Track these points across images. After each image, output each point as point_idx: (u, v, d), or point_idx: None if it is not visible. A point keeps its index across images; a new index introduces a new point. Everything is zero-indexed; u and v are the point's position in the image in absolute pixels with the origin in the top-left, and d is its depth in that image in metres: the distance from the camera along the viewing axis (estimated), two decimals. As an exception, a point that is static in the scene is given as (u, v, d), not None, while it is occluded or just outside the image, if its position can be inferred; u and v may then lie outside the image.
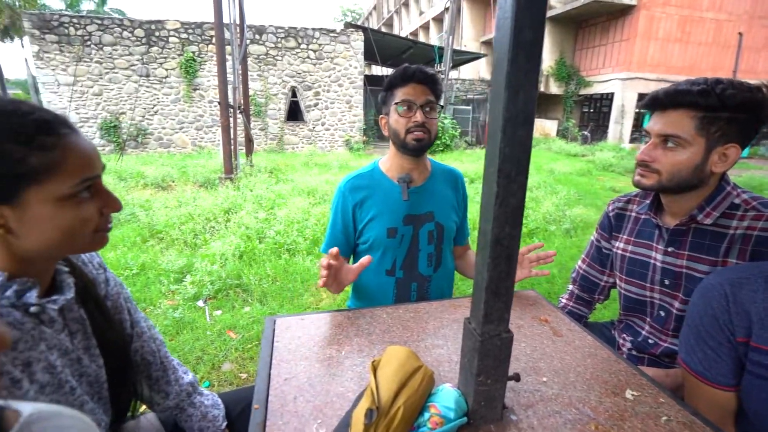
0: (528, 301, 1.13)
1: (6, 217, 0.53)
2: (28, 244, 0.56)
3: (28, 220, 0.54)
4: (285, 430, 0.66)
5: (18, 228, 0.54)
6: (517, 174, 0.55)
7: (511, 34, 0.49)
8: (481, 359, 0.63)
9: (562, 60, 16.02)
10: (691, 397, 0.80)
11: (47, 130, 0.54)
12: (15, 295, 0.55)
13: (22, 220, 0.54)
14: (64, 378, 0.60)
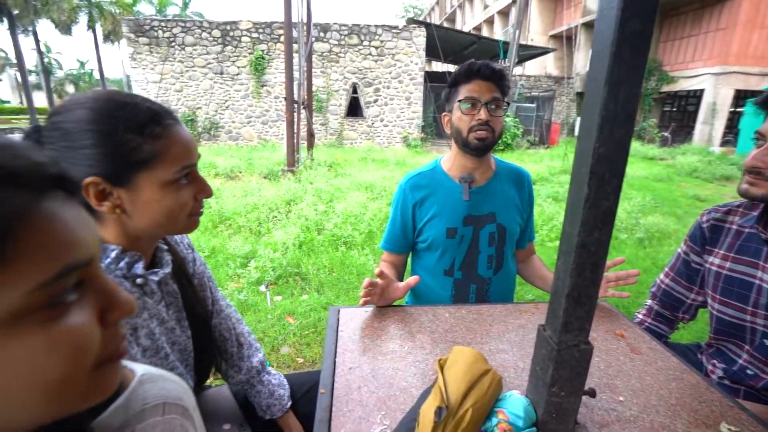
0: (601, 313, 1.05)
1: (122, 198, 0.60)
2: (137, 224, 0.62)
3: (138, 202, 0.61)
4: (350, 417, 0.68)
5: (130, 209, 0.61)
6: (612, 176, 0.51)
7: (617, 24, 0.46)
8: (556, 369, 0.60)
9: (641, 54, 14.69)
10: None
11: (157, 120, 0.60)
12: (126, 267, 0.62)
13: (133, 202, 0.61)
14: (160, 344, 0.67)
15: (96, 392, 0.30)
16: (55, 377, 0.26)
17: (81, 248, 0.28)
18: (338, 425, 0.66)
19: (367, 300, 1.01)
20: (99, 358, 0.30)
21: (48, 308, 0.26)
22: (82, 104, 0.57)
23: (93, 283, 0.30)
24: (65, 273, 0.26)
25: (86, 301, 0.29)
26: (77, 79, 40.08)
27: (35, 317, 0.25)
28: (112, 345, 0.31)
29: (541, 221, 4.17)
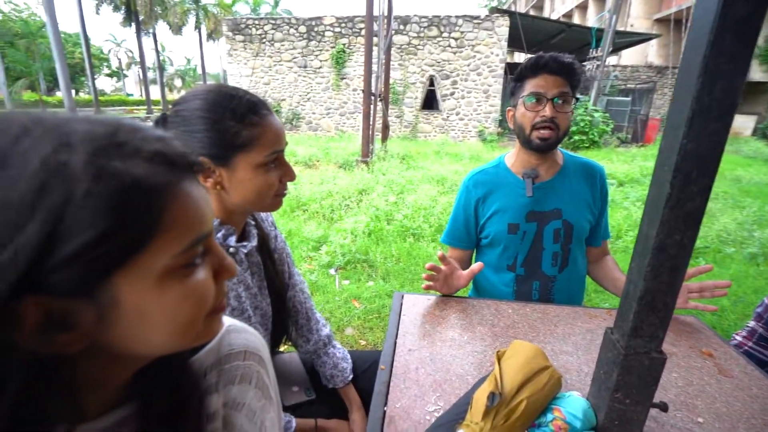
0: (685, 327, 0.96)
1: (222, 176, 0.70)
2: (232, 199, 0.72)
3: (234, 180, 0.70)
4: (406, 394, 0.72)
5: (228, 186, 0.71)
6: (700, 175, 0.47)
7: (718, 8, 0.42)
8: (621, 375, 0.57)
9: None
10: None
11: (255, 110, 0.69)
12: (222, 238, 0.73)
13: (230, 180, 0.70)
14: (245, 307, 0.77)
15: (206, 334, 0.38)
16: (185, 319, 0.34)
17: (208, 222, 0.35)
18: (394, 399, 0.70)
19: (430, 286, 1.03)
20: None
21: (184, 268, 0.33)
22: (197, 96, 0.67)
23: (210, 250, 0.37)
24: (197, 242, 0.33)
25: (206, 264, 0.36)
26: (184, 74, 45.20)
27: (176, 274, 0.32)
28: (219, 299, 0.37)
29: (627, 226, 3.80)
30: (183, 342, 0.36)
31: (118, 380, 0.37)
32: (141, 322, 0.32)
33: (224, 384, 0.47)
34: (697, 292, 0.96)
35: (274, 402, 0.54)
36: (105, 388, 0.37)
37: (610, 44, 9.97)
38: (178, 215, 0.31)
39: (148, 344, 0.34)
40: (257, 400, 0.50)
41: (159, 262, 0.31)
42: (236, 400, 0.48)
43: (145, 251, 0.30)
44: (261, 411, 0.51)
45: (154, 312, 0.32)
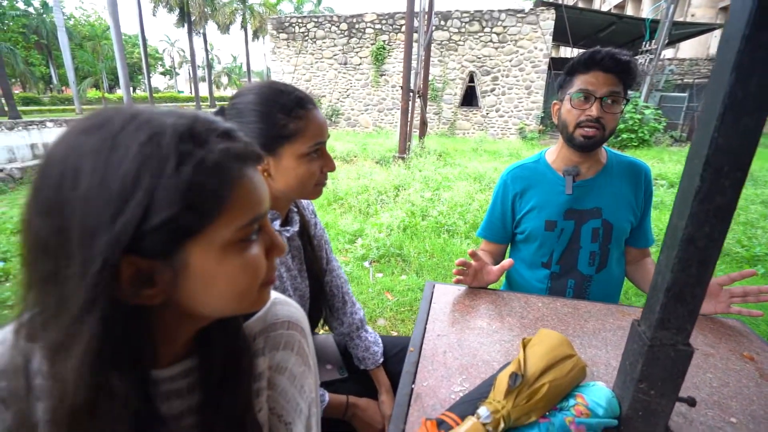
0: (727, 330, 0.93)
1: (269, 164, 0.77)
2: (277, 186, 0.79)
3: (279, 168, 0.77)
4: (433, 375, 0.76)
5: (274, 173, 0.77)
6: (732, 169, 0.48)
7: (755, 2, 0.43)
8: (646, 366, 0.58)
9: None
10: None
11: (301, 105, 0.75)
12: (269, 222, 0.80)
13: (276, 168, 0.77)
14: (286, 287, 0.84)
15: (258, 302, 0.43)
16: (242, 288, 0.40)
17: (264, 203, 0.40)
18: (422, 379, 0.75)
19: (459, 280, 1.06)
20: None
21: (243, 242, 0.39)
22: (251, 90, 0.74)
23: (264, 229, 0.42)
24: (255, 220, 0.39)
25: (260, 241, 0.42)
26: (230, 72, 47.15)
27: (236, 247, 0.38)
28: (270, 273, 0.43)
29: (677, 230, 3.59)
30: (239, 306, 0.42)
31: (185, 336, 0.44)
32: (205, 285, 0.38)
33: (270, 349, 0.53)
34: (741, 297, 0.92)
35: (312, 371, 0.60)
36: (174, 342, 0.44)
37: (666, 36, 9.34)
38: (241, 196, 0.37)
39: (210, 305, 0.40)
40: (298, 366, 0.57)
41: (223, 235, 0.37)
42: (280, 364, 0.54)
43: (213, 225, 0.36)
44: (301, 376, 0.57)
45: (216, 277, 0.38)
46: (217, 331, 0.46)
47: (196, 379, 0.45)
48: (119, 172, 0.32)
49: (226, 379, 0.45)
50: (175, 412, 0.45)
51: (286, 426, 0.55)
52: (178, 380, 0.45)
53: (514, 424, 0.58)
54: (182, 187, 0.33)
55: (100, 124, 0.34)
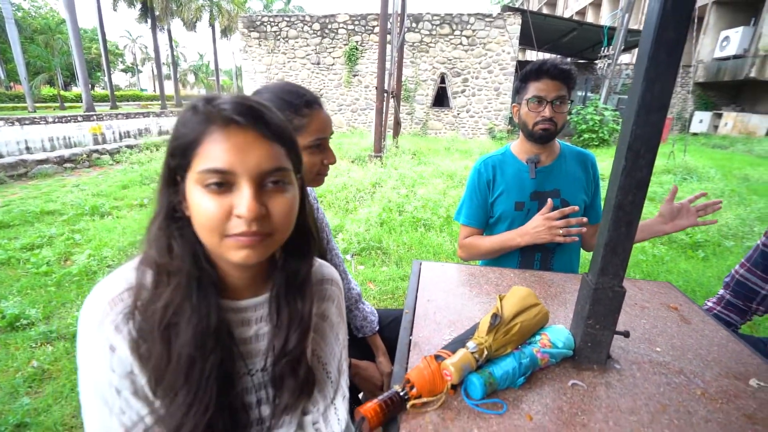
0: (659, 289, 1.14)
1: None
2: None
3: None
4: (426, 329, 0.91)
5: None
6: (646, 152, 0.66)
7: (655, 32, 0.61)
8: (592, 306, 0.76)
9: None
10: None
11: (308, 104, 0.88)
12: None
13: None
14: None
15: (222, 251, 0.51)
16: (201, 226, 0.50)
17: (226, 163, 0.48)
18: (417, 331, 0.90)
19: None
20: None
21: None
22: (267, 89, 0.87)
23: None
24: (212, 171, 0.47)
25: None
26: (197, 70, 45.70)
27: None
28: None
29: (632, 220, 3.94)
30: (211, 245, 0.51)
31: (243, 275, 0.57)
32: (191, 211, 0.50)
33: (317, 299, 0.67)
34: (703, 211, 1.18)
35: (345, 323, 0.74)
36: (234, 277, 0.57)
37: (623, 42, 9.98)
38: (205, 148, 0.48)
39: (199, 234, 0.50)
40: (336, 316, 0.71)
41: (193, 174, 0.48)
42: (324, 312, 0.68)
43: (191, 165, 0.48)
44: (337, 326, 0.71)
45: (191, 206, 0.49)
46: (286, 285, 0.59)
47: (266, 312, 0.59)
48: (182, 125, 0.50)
49: (292, 330, 0.58)
50: (246, 335, 0.58)
51: (324, 367, 0.69)
52: (250, 311, 0.58)
53: (495, 354, 0.74)
54: (182, 128, 0.49)
55: None
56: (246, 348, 0.59)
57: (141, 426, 0.50)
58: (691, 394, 0.74)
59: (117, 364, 0.49)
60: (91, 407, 0.50)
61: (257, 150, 0.49)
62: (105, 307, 0.49)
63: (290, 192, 0.53)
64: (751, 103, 13.96)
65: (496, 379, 0.70)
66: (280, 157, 0.52)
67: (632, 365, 0.81)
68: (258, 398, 0.61)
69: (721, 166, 7.41)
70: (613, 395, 0.72)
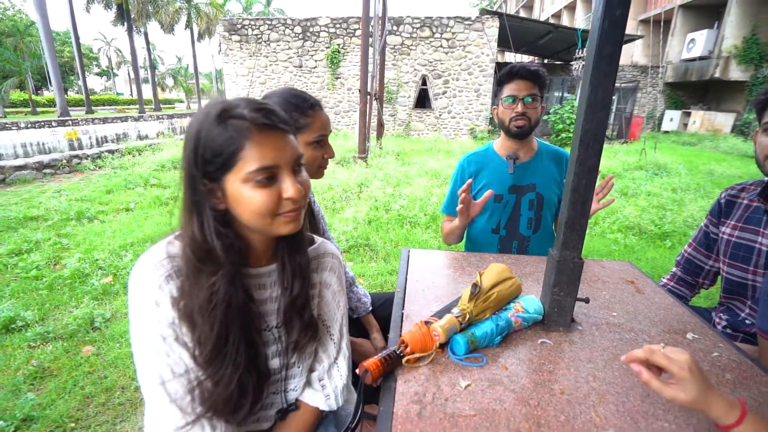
0: (619, 268, 1.29)
1: None
2: None
3: None
4: (416, 303, 1.03)
5: None
6: (594, 143, 0.80)
7: (596, 47, 0.75)
8: (557, 276, 0.90)
9: (753, 37, 12.89)
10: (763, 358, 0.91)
11: (311, 107, 1.00)
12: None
13: None
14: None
15: (274, 227, 0.63)
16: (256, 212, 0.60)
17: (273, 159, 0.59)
18: (408, 306, 1.02)
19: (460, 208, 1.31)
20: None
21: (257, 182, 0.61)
22: (276, 93, 0.99)
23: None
24: (263, 169, 0.58)
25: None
26: (175, 73, 44.87)
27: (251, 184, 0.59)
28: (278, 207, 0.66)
29: (605, 213, 4.17)
30: (261, 226, 0.61)
31: (264, 246, 0.68)
32: (237, 204, 0.60)
33: (320, 269, 0.79)
34: (600, 194, 1.34)
35: (345, 292, 0.85)
36: (260, 249, 0.68)
37: (595, 45, 10.37)
38: (251, 150, 0.57)
39: (245, 219, 0.61)
40: (337, 286, 0.82)
41: (240, 174, 0.58)
42: (326, 281, 0.80)
43: (235, 166, 0.58)
44: (338, 293, 0.83)
45: (240, 200, 0.59)
46: (288, 249, 0.70)
47: (277, 277, 0.70)
48: (190, 131, 0.59)
49: (295, 280, 0.70)
50: (263, 297, 0.70)
51: (327, 328, 0.81)
52: (265, 277, 0.70)
53: (475, 318, 0.87)
54: (217, 140, 0.58)
55: None
56: (264, 308, 0.70)
57: (185, 373, 0.61)
58: (638, 345, 0.88)
59: (161, 316, 0.60)
60: (143, 353, 0.61)
61: (287, 144, 0.62)
62: (150, 271, 0.60)
63: (305, 171, 0.67)
64: (717, 102, 14.66)
65: (477, 338, 0.83)
66: (297, 145, 0.65)
67: (592, 327, 0.95)
68: (276, 350, 0.73)
69: (689, 161, 7.82)
70: (574, 349, 0.86)
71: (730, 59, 13.24)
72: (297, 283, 0.70)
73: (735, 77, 13.35)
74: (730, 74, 13.35)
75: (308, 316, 0.73)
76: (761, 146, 1.03)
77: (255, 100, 0.62)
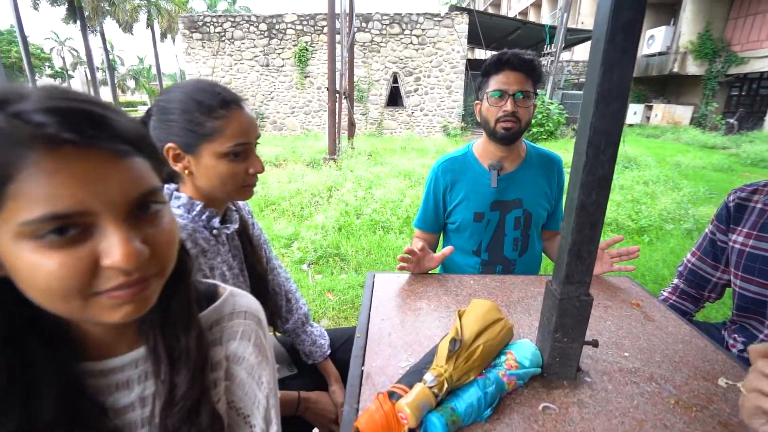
0: (621, 286, 1.11)
1: (190, 162, 0.76)
2: (200, 184, 0.77)
3: (200, 167, 0.76)
4: (380, 354, 0.80)
5: (195, 172, 0.76)
6: (607, 146, 0.59)
7: (611, 13, 0.54)
8: (559, 317, 0.69)
9: (707, 33, 13.44)
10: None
11: (224, 105, 0.74)
12: (207, 219, 0.78)
13: (197, 166, 0.76)
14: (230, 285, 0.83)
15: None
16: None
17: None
18: (370, 360, 0.79)
19: (404, 267, 1.12)
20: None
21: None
22: (177, 88, 0.73)
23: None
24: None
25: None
26: (137, 74, 42.92)
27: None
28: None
29: (582, 210, 4.08)
30: (59, 307, 0.36)
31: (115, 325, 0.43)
32: (16, 273, 0.34)
33: (227, 339, 0.54)
34: (617, 257, 1.11)
35: (270, 362, 0.61)
36: (103, 330, 0.43)
37: (563, 41, 10.47)
38: (25, 186, 0.32)
39: (31, 294, 0.35)
40: (255, 357, 0.57)
41: (13, 222, 0.32)
42: (237, 353, 0.55)
43: (3, 204, 0.32)
44: (259, 367, 0.58)
45: (16, 266, 0.34)
46: (162, 323, 0.46)
47: (147, 369, 0.45)
48: None
49: (179, 369, 0.45)
50: (126, 402, 0.44)
51: (245, 419, 0.56)
52: (127, 369, 0.44)
53: (456, 384, 0.65)
54: None
55: None
56: (126, 418, 0.45)
57: None
58: (665, 404, 0.68)
59: None
60: None
61: (115, 174, 0.35)
62: None
63: (167, 213, 0.41)
64: (676, 95, 15.20)
65: (459, 415, 0.61)
66: (148, 175, 0.38)
67: (603, 376, 0.75)
68: None
69: (656, 154, 7.96)
70: (587, 416, 0.65)
71: (686, 54, 13.74)
72: (183, 373, 0.46)
73: (692, 71, 13.87)
74: (687, 69, 13.85)
75: (207, 416, 0.48)
76: None
77: (67, 91, 0.35)
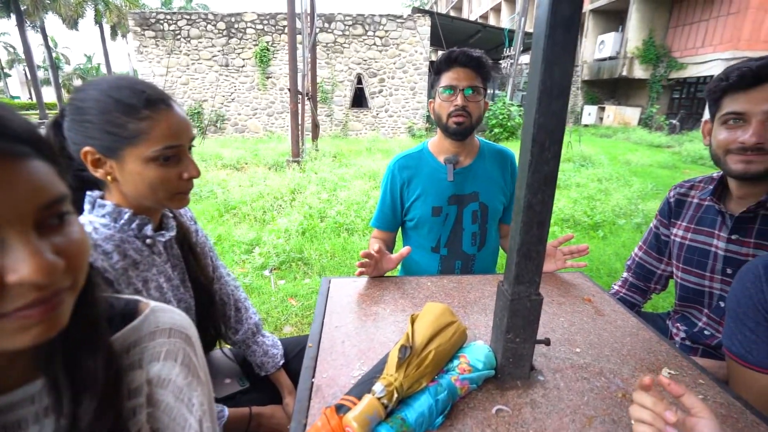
0: (573, 282, 1.13)
1: (113, 168, 0.68)
2: (127, 191, 0.70)
3: (125, 173, 0.68)
4: (332, 365, 0.77)
5: (120, 178, 0.69)
6: (551, 144, 0.58)
7: (550, 10, 0.53)
8: (511, 318, 0.68)
9: (650, 40, 14.40)
10: (734, 383, 0.77)
11: (148, 104, 0.67)
12: (137, 228, 0.71)
13: (121, 172, 0.68)
14: (168, 298, 0.76)
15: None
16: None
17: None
18: (322, 371, 0.75)
19: (363, 271, 1.09)
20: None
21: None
22: (93, 86, 0.66)
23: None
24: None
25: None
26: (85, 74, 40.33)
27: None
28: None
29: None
30: None
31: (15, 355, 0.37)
32: None
33: (148, 360, 0.48)
34: (569, 255, 1.14)
35: (204, 382, 0.55)
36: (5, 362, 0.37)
37: (521, 44, 10.85)
38: None
39: None
40: (184, 377, 0.51)
41: None
42: (161, 376, 0.49)
43: None
44: (188, 388, 0.52)
45: None
46: (65, 349, 0.40)
47: (47, 405, 0.39)
48: None
49: (83, 400, 0.39)
50: None
51: None
52: (22, 408, 0.38)
53: (407, 393, 0.62)
54: None
55: None
56: None
57: None
58: (613, 398, 0.69)
59: None
60: None
61: (17, 179, 0.31)
62: None
63: (75, 222, 0.37)
64: (626, 97, 16.14)
65: (410, 425, 0.58)
66: (53, 180, 0.34)
67: (555, 374, 0.75)
68: None
69: (608, 152, 8.39)
70: (539, 416, 0.64)
71: (633, 59, 14.63)
72: (86, 403, 0.40)
73: (638, 75, 14.78)
74: (634, 73, 14.74)
75: None
76: (719, 141, 0.90)
77: None
